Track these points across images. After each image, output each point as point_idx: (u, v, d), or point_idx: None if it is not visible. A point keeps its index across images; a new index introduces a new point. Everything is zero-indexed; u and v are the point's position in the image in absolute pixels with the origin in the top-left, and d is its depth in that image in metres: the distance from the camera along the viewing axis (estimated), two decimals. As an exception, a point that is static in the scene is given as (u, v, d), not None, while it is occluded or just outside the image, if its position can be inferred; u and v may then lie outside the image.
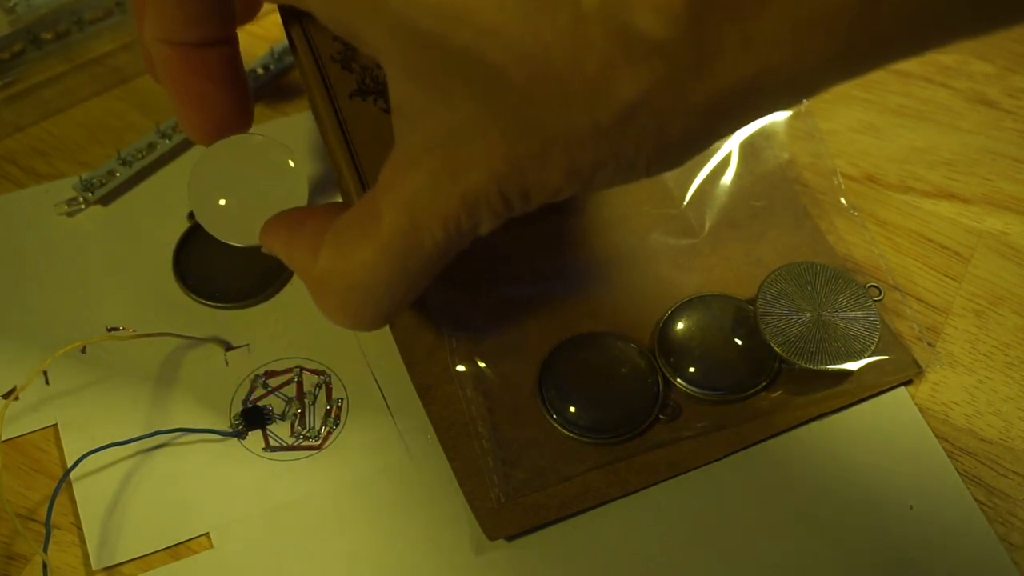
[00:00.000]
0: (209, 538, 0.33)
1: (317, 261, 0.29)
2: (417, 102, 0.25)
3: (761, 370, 0.36)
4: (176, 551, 0.33)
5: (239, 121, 0.35)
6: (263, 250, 0.33)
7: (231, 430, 0.35)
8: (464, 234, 0.27)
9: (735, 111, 0.24)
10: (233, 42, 0.33)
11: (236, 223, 0.35)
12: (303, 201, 0.36)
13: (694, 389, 0.35)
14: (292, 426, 0.35)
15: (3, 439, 0.34)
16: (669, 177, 0.40)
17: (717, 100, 0.23)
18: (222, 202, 0.35)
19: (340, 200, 0.38)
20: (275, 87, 0.45)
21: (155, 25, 0.32)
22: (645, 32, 0.22)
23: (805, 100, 0.23)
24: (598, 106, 0.23)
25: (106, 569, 0.32)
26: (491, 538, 0.33)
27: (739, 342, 0.36)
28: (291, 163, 0.36)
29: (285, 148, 0.36)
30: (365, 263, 0.27)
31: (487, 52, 0.23)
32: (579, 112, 0.23)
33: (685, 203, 0.40)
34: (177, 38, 0.32)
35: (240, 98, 0.34)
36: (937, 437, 0.35)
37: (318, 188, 0.40)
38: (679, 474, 0.34)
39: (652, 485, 0.34)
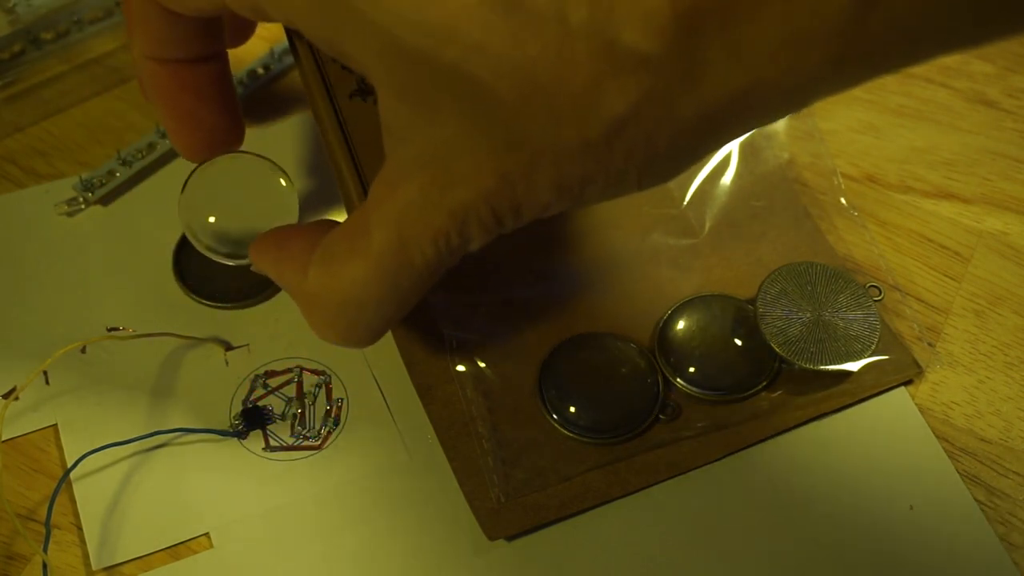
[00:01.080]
0: (209, 538, 0.33)
1: (307, 278, 0.29)
2: (406, 119, 0.25)
3: (761, 370, 0.36)
4: (176, 551, 0.33)
5: (229, 138, 0.35)
6: (252, 268, 0.33)
7: (231, 430, 0.35)
8: (454, 250, 0.26)
9: (725, 125, 0.24)
10: (222, 59, 0.33)
11: (226, 241, 0.35)
12: (293, 219, 0.36)
13: (694, 389, 0.35)
14: (292, 426, 0.36)
15: (3, 439, 0.34)
16: (669, 177, 0.40)
17: (706, 114, 0.23)
18: (212, 220, 0.35)
19: (334, 215, 0.38)
20: (275, 87, 0.45)
21: (143, 42, 0.32)
22: (632, 46, 0.22)
23: (798, 111, 0.23)
24: (586, 121, 0.23)
25: (106, 569, 0.32)
26: (491, 538, 0.33)
27: (739, 342, 0.36)
28: (282, 182, 0.36)
29: (275, 166, 0.36)
30: (355, 280, 0.27)
31: (474, 69, 0.23)
32: (567, 127, 0.23)
33: (685, 203, 0.40)
34: (165, 55, 0.32)
35: (230, 115, 0.34)
36: (937, 437, 0.35)
37: (312, 203, 0.40)
38: (679, 474, 0.34)
39: (652, 485, 0.34)
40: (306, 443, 0.35)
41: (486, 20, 0.22)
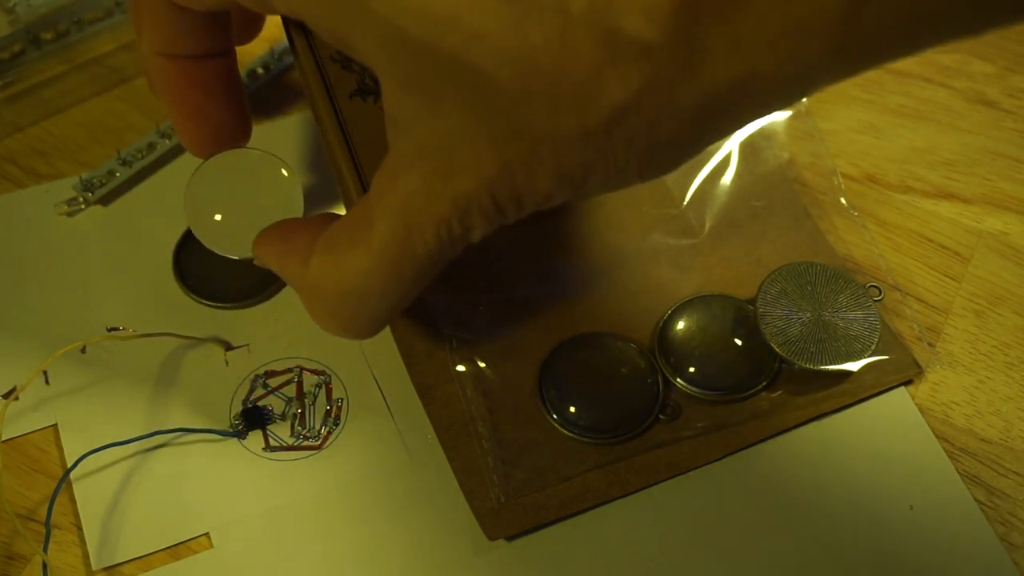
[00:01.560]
0: (209, 538, 0.33)
1: (309, 268, 0.29)
2: (409, 109, 0.25)
3: (761, 370, 0.36)
4: (176, 551, 0.33)
5: (236, 134, 0.35)
6: (256, 262, 0.33)
7: (231, 430, 0.35)
8: (456, 240, 0.27)
9: (725, 114, 0.24)
10: (230, 55, 0.33)
11: (231, 236, 0.35)
12: (298, 214, 0.36)
13: (694, 389, 0.35)
14: (292, 426, 0.36)
15: (3, 439, 0.34)
16: (669, 177, 0.40)
17: (706, 103, 0.23)
18: (218, 216, 0.35)
19: (335, 210, 0.38)
20: (275, 87, 0.45)
21: (152, 38, 0.32)
22: (633, 34, 0.22)
23: (798, 102, 0.22)
24: (586, 109, 0.23)
25: (106, 569, 0.32)
26: (491, 538, 0.33)
27: (739, 342, 0.36)
28: (287, 176, 0.36)
29: (282, 162, 0.36)
30: (357, 269, 0.27)
31: (476, 57, 0.23)
32: (568, 115, 0.23)
33: (685, 203, 0.40)
34: (174, 50, 0.32)
35: (237, 111, 0.34)
36: (937, 437, 0.35)
37: (315, 198, 0.40)
38: (679, 474, 0.34)
39: (652, 485, 0.34)
40: (306, 443, 0.35)
41: (488, 9, 0.22)
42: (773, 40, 0.22)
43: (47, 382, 0.36)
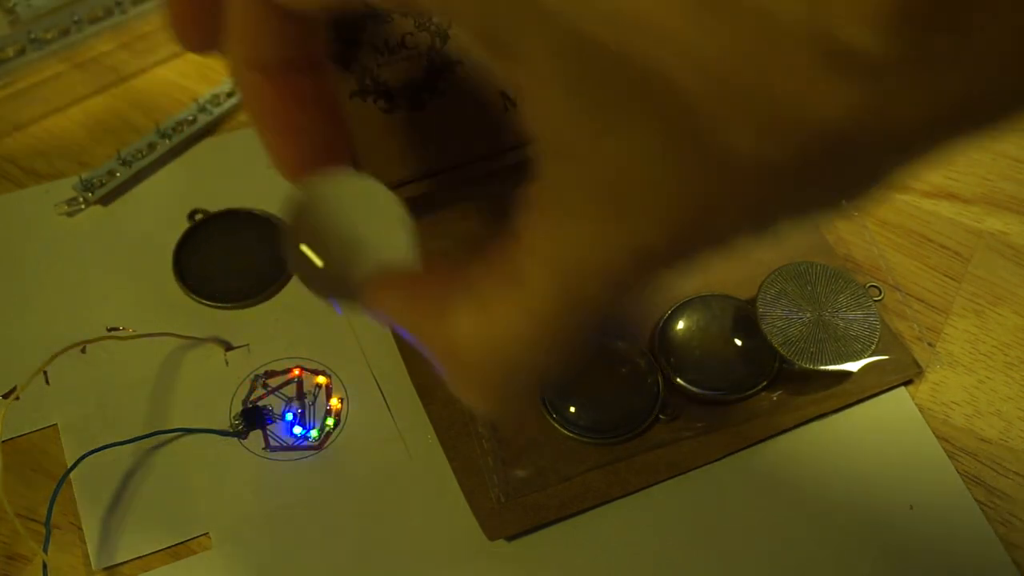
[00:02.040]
0: (209, 538, 0.33)
1: (452, 326, 0.24)
2: (575, 128, 0.20)
3: (761, 370, 0.36)
4: (176, 551, 0.33)
5: (335, 153, 0.30)
6: (368, 315, 0.27)
7: (231, 430, 0.35)
8: (629, 297, 0.22)
9: (941, 139, 0.20)
10: (326, 69, 0.30)
11: (335, 277, 0.29)
12: (407, 254, 0.29)
13: (694, 389, 0.35)
14: (292, 426, 0.35)
15: (3, 439, 0.34)
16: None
17: (925, 127, 0.19)
18: (318, 258, 0.29)
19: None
20: (275, 87, 0.45)
21: (249, 51, 0.28)
22: (855, 47, 0.18)
23: (1013, 126, 0.19)
24: (794, 135, 0.19)
25: (106, 569, 0.32)
26: (491, 538, 0.33)
27: (739, 342, 0.36)
28: (396, 208, 0.29)
29: (389, 192, 0.30)
30: (511, 330, 0.23)
31: (665, 66, 0.19)
32: (771, 141, 0.19)
33: (685, 203, 0.40)
34: (275, 63, 0.28)
35: (336, 128, 0.30)
36: (937, 437, 0.35)
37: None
38: (679, 474, 0.34)
39: (652, 485, 0.34)
40: (306, 443, 0.35)
41: (680, 10, 0.19)
42: (1007, 50, 0.18)
43: (47, 382, 0.36)
